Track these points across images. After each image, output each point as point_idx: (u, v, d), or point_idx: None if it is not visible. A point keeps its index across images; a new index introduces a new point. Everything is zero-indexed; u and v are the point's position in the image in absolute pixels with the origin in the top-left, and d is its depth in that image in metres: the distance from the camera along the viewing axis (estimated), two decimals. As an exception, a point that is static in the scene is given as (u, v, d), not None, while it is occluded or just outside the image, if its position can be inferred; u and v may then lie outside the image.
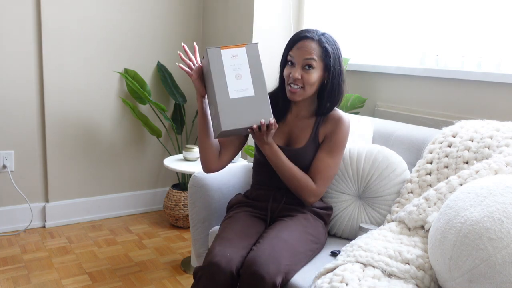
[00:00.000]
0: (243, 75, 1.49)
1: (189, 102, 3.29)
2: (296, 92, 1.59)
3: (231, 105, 1.46)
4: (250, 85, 1.48)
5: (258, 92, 1.48)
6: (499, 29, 1.96)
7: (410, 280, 1.26)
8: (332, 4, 2.72)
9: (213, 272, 1.39)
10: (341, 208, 1.76)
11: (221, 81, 1.48)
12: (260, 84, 1.49)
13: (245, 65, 1.50)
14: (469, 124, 1.68)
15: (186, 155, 2.67)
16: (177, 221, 2.99)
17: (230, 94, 1.47)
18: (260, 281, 1.33)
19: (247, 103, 1.47)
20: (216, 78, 1.47)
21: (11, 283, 2.22)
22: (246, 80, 1.49)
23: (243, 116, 1.47)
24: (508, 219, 1.09)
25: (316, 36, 1.58)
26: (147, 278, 2.34)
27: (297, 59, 1.57)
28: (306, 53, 1.56)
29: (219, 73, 1.48)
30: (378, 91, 2.43)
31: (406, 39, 2.34)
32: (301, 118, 1.70)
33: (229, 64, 1.49)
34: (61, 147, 2.89)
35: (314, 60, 1.56)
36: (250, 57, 1.50)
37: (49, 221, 2.92)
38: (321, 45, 1.57)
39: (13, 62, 2.69)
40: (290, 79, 1.59)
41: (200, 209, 1.88)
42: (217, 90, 1.47)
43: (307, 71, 1.57)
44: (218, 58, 1.49)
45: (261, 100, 1.48)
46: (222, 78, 1.48)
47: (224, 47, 1.50)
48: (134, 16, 3.01)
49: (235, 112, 1.46)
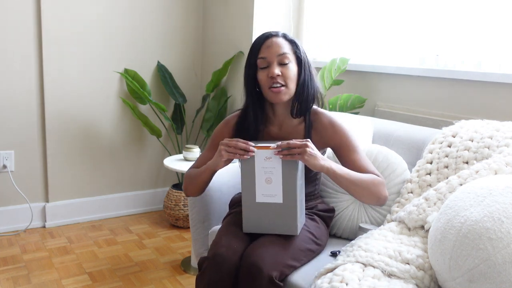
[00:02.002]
0: (274, 180, 1.43)
1: (189, 102, 3.29)
2: (280, 91, 1.52)
3: (256, 209, 1.45)
4: (279, 191, 1.43)
5: (286, 200, 1.43)
6: (499, 29, 1.96)
7: (410, 280, 1.26)
8: (332, 4, 2.72)
9: (218, 263, 1.40)
10: (341, 208, 1.76)
11: (250, 182, 1.44)
12: (291, 192, 1.42)
13: (277, 169, 1.42)
14: (469, 124, 1.68)
15: (186, 155, 2.67)
16: (177, 221, 2.99)
17: (257, 198, 1.44)
18: (257, 273, 1.34)
19: (272, 210, 1.44)
20: (245, 178, 1.45)
21: (11, 283, 2.23)
22: (276, 185, 1.43)
23: (265, 222, 1.45)
24: (508, 219, 1.09)
25: (279, 33, 1.57)
26: (147, 278, 2.34)
27: (271, 58, 1.52)
28: (278, 48, 1.53)
29: (249, 174, 1.44)
30: (378, 91, 2.43)
31: (406, 39, 2.34)
32: (285, 127, 1.64)
33: (261, 166, 1.43)
34: (61, 147, 2.90)
35: (287, 53, 1.53)
36: (284, 163, 1.42)
37: (49, 221, 2.92)
38: (287, 39, 1.57)
39: (13, 62, 2.69)
40: (269, 80, 1.52)
41: (200, 209, 1.88)
42: (244, 191, 1.46)
43: (284, 66, 1.53)
44: (251, 158, 1.43)
45: (288, 209, 1.43)
46: (251, 180, 1.44)
47: (259, 147, 1.44)
48: (134, 16, 3.01)
49: (259, 218, 1.45)
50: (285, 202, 1.43)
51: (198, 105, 3.35)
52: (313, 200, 1.71)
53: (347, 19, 2.64)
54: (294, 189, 1.42)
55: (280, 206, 1.43)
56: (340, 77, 2.55)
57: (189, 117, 3.30)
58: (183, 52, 3.26)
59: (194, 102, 3.35)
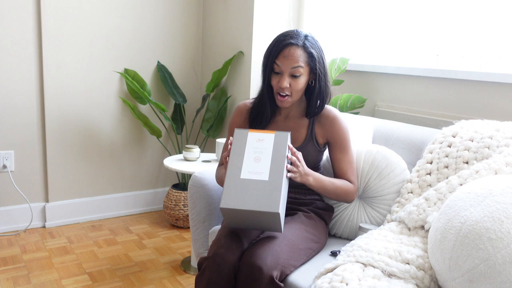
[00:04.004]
0: (263, 159, 1.42)
1: (189, 102, 3.29)
2: (284, 100, 1.61)
3: (239, 185, 1.38)
4: (266, 170, 1.40)
5: (272, 179, 1.38)
6: (499, 29, 1.96)
7: (410, 280, 1.26)
8: (332, 4, 2.72)
9: (218, 263, 1.41)
10: (341, 208, 1.76)
11: (237, 160, 1.42)
12: (278, 172, 1.39)
13: (268, 150, 1.43)
14: (469, 124, 1.67)
15: (186, 155, 2.67)
16: (177, 221, 2.99)
17: (241, 174, 1.39)
18: (257, 273, 1.34)
19: (256, 186, 1.37)
20: (234, 157, 1.42)
21: (11, 283, 2.23)
22: (264, 164, 1.41)
23: (247, 198, 1.35)
24: (508, 219, 1.09)
25: (300, 42, 1.57)
26: (147, 278, 2.34)
27: (284, 68, 1.57)
28: (293, 61, 1.56)
29: (238, 153, 1.43)
30: (378, 91, 2.43)
31: (406, 39, 2.34)
32: (291, 118, 1.72)
33: (252, 146, 1.43)
34: (61, 147, 2.90)
35: (301, 67, 1.57)
36: (276, 144, 1.44)
37: (49, 221, 2.92)
38: (306, 51, 1.58)
39: (13, 62, 2.69)
40: (278, 87, 1.60)
41: (200, 209, 1.88)
42: (229, 168, 1.41)
43: (294, 79, 1.58)
44: (243, 139, 1.44)
45: (272, 187, 1.36)
46: (240, 157, 1.42)
47: (254, 130, 1.46)
48: (134, 16, 3.01)
49: (240, 193, 1.36)
50: (270, 180, 1.39)
51: (198, 105, 3.35)
52: (312, 194, 1.72)
53: (347, 19, 2.65)
54: (282, 169, 1.41)
55: (264, 183, 1.38)
56: (340, 77, 2.55)
57: (189, 117, 3.30)
58: (183, 52, 3.26)
59: (194, 102, 3.35)
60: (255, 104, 1.73)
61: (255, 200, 1.35)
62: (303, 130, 1.69)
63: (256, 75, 2.88)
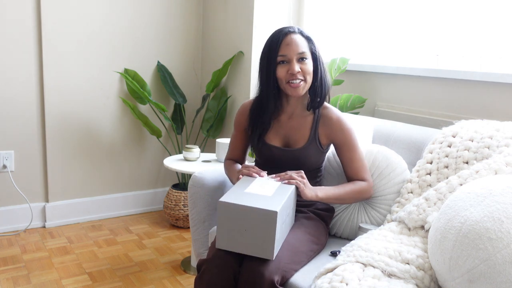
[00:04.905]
0: (268, 187, 1.48)
1: (189, 102, 3.29)
2: (299, 86, 1.61)
3: (242, 193, 1.42)
4: (271, 190, 1.45)
5: (276, 193, 1.44)
6: (499, 29, 1.96)
7: (410, 280, 1.26)
8: (332, 4, 2.72)
9: (217, 265, 1.39)
10: (341, 208, 1.76)
11: (245, 184, 1.50)
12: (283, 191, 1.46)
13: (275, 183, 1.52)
14: (469, 124, 1.67)
15: (186, 155, 2.67)
16: (177, 221, 2.99)
17: (248, 189, 1.45)
18: (258, 277, 1.33)
19: (259, 197, 1.40)
20: (242, 183, 1.51)
21: (11, 283, 2.23)
22: (269, 188, 1.47)
23: (247, 199, 1.38)
24: (508, 219, 1.09)
25: (295, 29, 1.63)
26: (147, 278, 2.34)
27: (291, 55, 1.59)
28: (297, 47, 1.60)
29: (247, 180, 1.53)
30: (378, 91, 2.43)
31: (406, 39, 2.34)
32: (295, 117, 1.71)
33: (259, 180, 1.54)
34: (61, 147, 2.90)
35: (305, 51, 1.61)
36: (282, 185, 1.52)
37: (49, 221, 2.92)
38: (304, 36, 1.64)
39: (13, 62, 2.69)
40: (288, 76, 1.60)
41: (200, 209, 1.88)
42: (235, 187, 1.48)
43: (303, 62, 1.61)
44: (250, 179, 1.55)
45: (275, 198, 1.40)
46: (248, 183, 1.50)
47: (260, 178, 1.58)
48: (134, 16, 3.01)
49: (242, 196, 1.40)
50: (274, 195, 1.43)
51: (198, 105, 3.35)
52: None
53: (347, 19, 2.64)
54: (286, 193, 1.45)
55: (267, 197, 1.41)
56: (340, 77, 2.55)
57: (189, 117, 3.30)
58: (183, 52, 3.26)
59: (194, 102, 3.35)
60: (255, 104, 1.73)
61: (255, 202, 1.37)
62: (306, 131, 1.69)
63: (256, 75, 2.88)
